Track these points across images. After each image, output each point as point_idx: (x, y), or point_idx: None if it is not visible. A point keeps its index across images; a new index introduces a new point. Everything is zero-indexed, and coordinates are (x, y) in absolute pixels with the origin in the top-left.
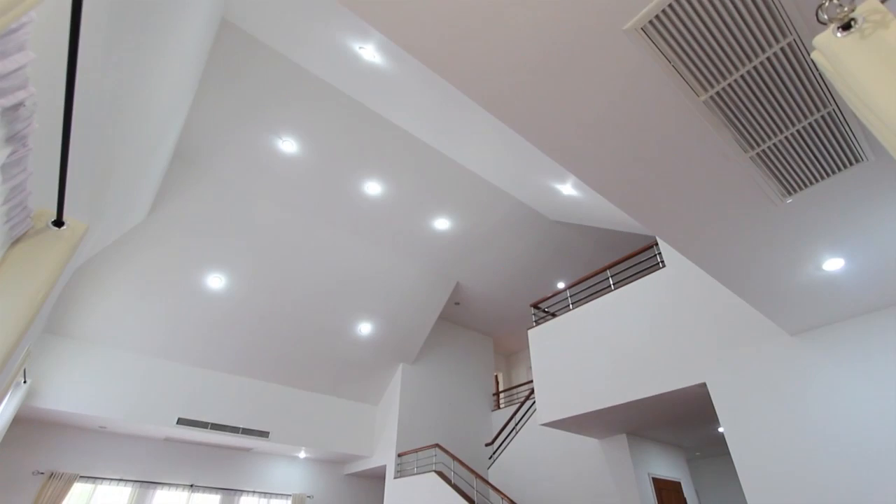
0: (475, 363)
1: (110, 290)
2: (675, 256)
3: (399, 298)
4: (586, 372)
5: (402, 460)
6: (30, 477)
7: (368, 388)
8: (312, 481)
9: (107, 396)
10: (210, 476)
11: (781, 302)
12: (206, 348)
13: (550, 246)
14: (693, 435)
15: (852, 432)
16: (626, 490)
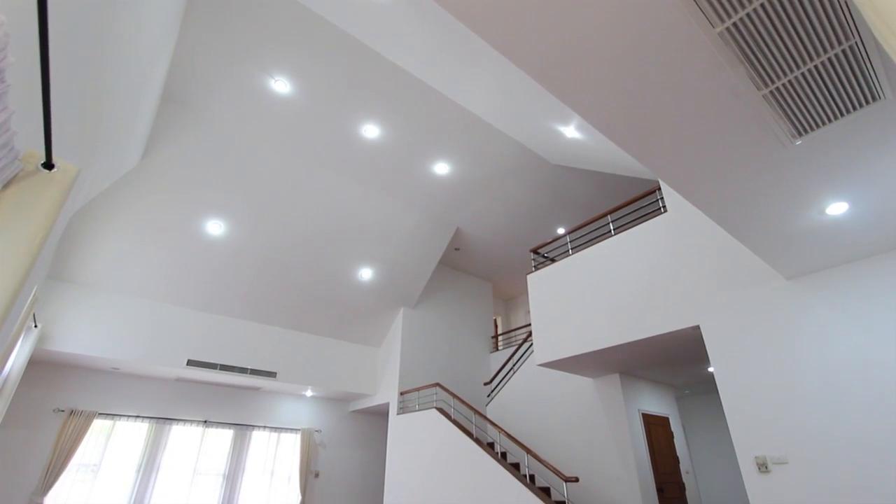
0: (475, 307)
1: (111, 236)
2: (676, 201)
3: (399, 244)
4: (583, 315)
5: (405, 398)
6: (51, 414)
7: (370, 331)
8: (320, 417)
9: (117, 339)
10: (222, 413)
11: (781, 246)
12: (210, 293)
13: (551, 191)
14: (683, 374)
15: (843, 377)
16: (618, 425)
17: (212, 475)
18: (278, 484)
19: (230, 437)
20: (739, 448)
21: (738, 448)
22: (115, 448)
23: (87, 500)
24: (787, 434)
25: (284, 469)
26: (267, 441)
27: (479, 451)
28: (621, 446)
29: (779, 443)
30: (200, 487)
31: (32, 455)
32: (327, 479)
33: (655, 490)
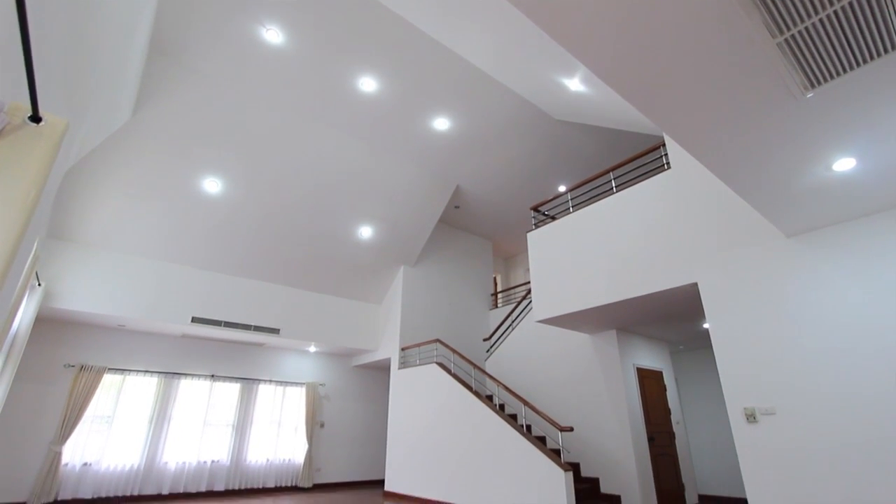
0: (474, 265)
1: (108, 195)
2: (680, 158)
3: (399, 202)
4: (582, 272)
5: (406, 353)
6: (62, 369)
7: (371, 288)
8: (323, 372)
9: (121, 297)
10: (229, 367)
11: (785, 203)
12: (211, 252)
13: (554, 147)
14: (679, 330)
15: (837, 334)
16: (613, 379)
17: (221, 426)
18: (285, 434)
19: (237, 390)
20: (730, 399)
21: (729, 399)
22: (126, 401)
23: (103, 448)
24: (776, 387)
25: (291, 420)
26: (273, 394)
27: (478, 403)
28: (615, 399)
29: (768, 395)
30: (211, 437)
31: (48, 407)
32: (332, 429)
33: (647, 439)
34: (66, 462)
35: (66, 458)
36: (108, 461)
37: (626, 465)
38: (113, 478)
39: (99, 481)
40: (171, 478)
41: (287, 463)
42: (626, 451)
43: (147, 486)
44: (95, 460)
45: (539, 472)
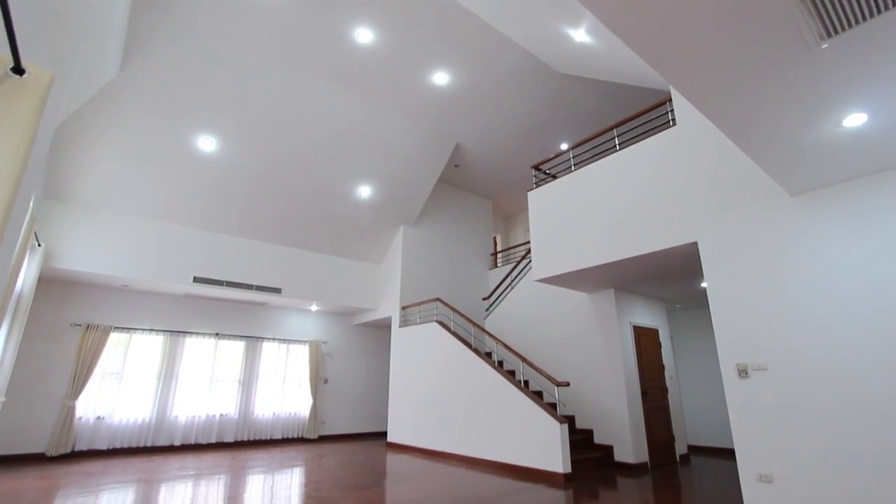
0: (474, 225)
1: (102, 154)
2: (686, 115)
3: (398, 161)
4: (582, 231)
5: (406, 312)
6: (69, 328)
7: (371, 248)
8: (326, 330)
9: (122, 258)
10: (233, 326)
11: (791, 160)
12: (210, 212)
13: (556, 103)
14: (676, 289)
15: (836, 293)
16: (609, 337)
17: (228, 382)
18: (290, 389)
19: (242, 347)
20: (723, 356)
21: (722, 356)
22: (134, 358)
23: (115, 403)
24: (770, 344)
25: (295, 376)
26: (277, 351)
27: (477, 359)
28: (611, 356)
29: (761, 351)
30: (218, 392)
31: (58, 365)
32: (335, 384)
33: (640, 394)
34: (79, 416)
35: (79, 413)
36: (120, 415)
37: (619, 418)
38: (126, 430)
39: (113, 433)
40: (182, 430)
41: (293, 416)
42: (619, 404)
43: (159, 437)
44: (108, 414)
45: (536, 424)
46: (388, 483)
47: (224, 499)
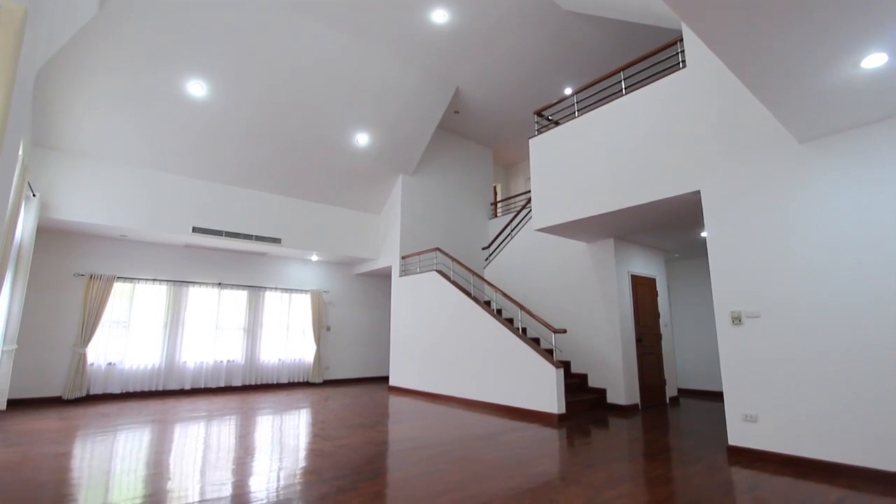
0: (474, 174)
1: (90, 99)
2: (697, 55)
3: (396, 106)
4: (584, 180)
5: (406, 262)
6: (72, 278)
7: (370, 198)
8: (327, 280)
9: (119, 208)
10: (235, 276)
11: (805, 105)
12: (206, 161)
13: (561, 43)
14: (675, 239)
15: (838, 244)
16: (607, 285)
17: (233, 329)
18: (294, 336)
19: (245, 297)
20: (718, 303)
21: (717, 303)
22: (139, 307)
23: (124, 350)
24: (765, 292)
25: (298, 324)
26: (279, 300)
27: (476, 307)
28: (608, 304)
29: (756, 299)
30: (224, 340)
31: (65, 314)
32: (338, 332)
33: (635, 340)
34: (91, 362)
35: (90, 359)
36: (130, 361)
37: (613, 363)
38: (137, 375)
39: (125, 378)
40: (191, 375)
41: (298, 362)
42: (614, 350)
43: (170, 382)
44: (119, 360)
45: (533, 369)
46: (391, 422)
47: (236, 437)
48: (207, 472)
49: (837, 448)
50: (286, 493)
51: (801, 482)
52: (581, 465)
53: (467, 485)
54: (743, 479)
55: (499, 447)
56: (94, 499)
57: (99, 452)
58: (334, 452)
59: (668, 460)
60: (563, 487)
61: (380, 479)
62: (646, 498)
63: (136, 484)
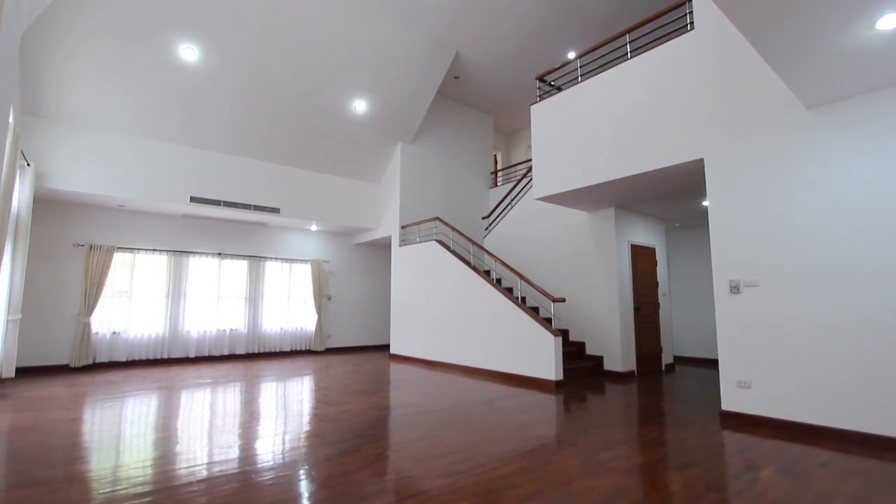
0: (474, 142)
1: (81, 65)
2: (706, 16)
3: (394, 71)
4: (586, 147)
5: (406, 231)
6: (72, 248)
7: (369, 167)
8: (327, 250)
9: (115, 177)
10: (235, 246)
11: (815, 69)
12: (200, 128)
13: (565, 4)
14: (677, 208)
15: (842, 213)
16: (607, 255)
17: (234, 299)
18: (295, 305)
19: (245, 267)
20: (717, 272)
21: (716, 272)
22: (140, 277)
23: (128, 319)
24: (765, 261)
25: (299, 293)
26: (280, 270)
27: (476, 277)
28: (607, 273)
29: (755, 269)
30: (226, 309)
31: (67, 284)
32: (339, 301)
33: (633, 309)
34: (96, 331)
35: (95, 328)
36: (134, 330)
37: (611, 331)
38: (142, 344)
39: (130, 347)
40: (195, 344)
41: (300, 331)
42: (612, 319)
43: (174, 350)
44: (123, 329)
45: (531, 337)
46: (392, 389)
47: (241, 403)
48: (215, 435)
49: (828, 413)
50: (291, 456)
51: (791, 445)
52: (577, 428)
53: (466, 447)
54: (734, 442)
55: (497, 412)
56: (105, 461)
57: (108, 417)
58: (337, 417)
59: (662, 424)
60: (560, 450)
61: (381, 443)
62: (639, 460)
63: (146, 447)
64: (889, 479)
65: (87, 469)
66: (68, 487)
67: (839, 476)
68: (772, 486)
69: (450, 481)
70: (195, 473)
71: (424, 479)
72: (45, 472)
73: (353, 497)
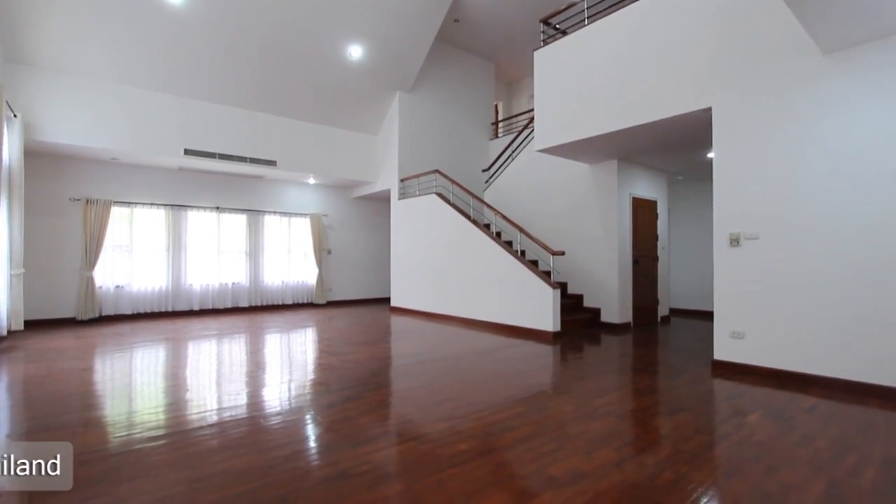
0: (475, 92)
1: (64, 8)
2: None
3: (391, 13)
4: (591, 96)
5: (405, 185)
6: (68, 203)
7: (366, 117)
8: (325, 203)
9: (107, 129)
10: (232, 200)
11: (835, 7)
12: (192, 77)
13: None
14: (681, 160)
15: (853, 165)
16: (608, 208)
17: (235, 253)
18: (296, 259)
19: (244, 221)
20: (718, 225)
21: (717, 225)
22: (140, 232)
23: (130, 273)
24: (768, 214)
25: (299, 247)
26: (279, 224)
27: (476, 230)
28: (607, 226)
29: (756, 221)
30: (227, 263)
31: (67, 238)
32: (339, 255)
33: (631, 262)
34: (99, 285)
35: (98, 282)
36: (137, 284)
37: (609, 284)
38: (146, 297)
39: (134, 300)
40: (198, 297)
41: (301, 284)
42: (610, 272)
43: (179, 303)
44: (126, 283)
45: (530, 289)
46: (393, 340)
47: (247, 353)
48: (223, 383)
49: (818, 362)
50: (297, 402)
51: (779, 392)
52: (572, 377)
53: (466, 394)
54: (724, 389)
55: (496, 361)
56: (119, 408)
57: (119, 367)
58: (340, 366)
59: (655, 373)
60: (555, 396)
61: (384, 390)
62: (631, 406)
63: (157, 394)
64: (869, 423)
65: (102, 415)
66: (85, 431)
67: (823, 420)
68: (757, 430)
69: (449, 425)
70: (206, 418)
71: (425, 423)
72: (62, 417)
73: (358, 440)
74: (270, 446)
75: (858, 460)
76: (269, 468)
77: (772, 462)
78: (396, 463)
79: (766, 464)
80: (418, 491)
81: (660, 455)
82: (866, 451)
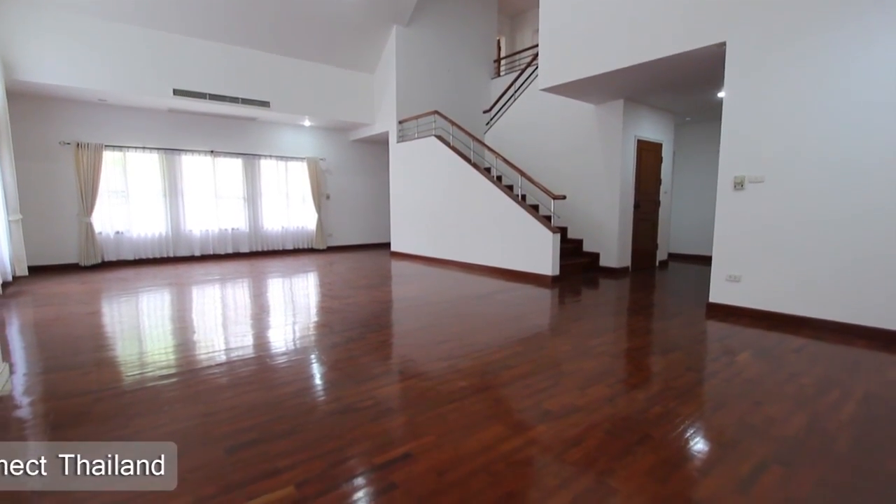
0: (476, 25)
1: None
2: None
3: None
4: (599, 30)
5: (403, 126)
6: (59, 147)
7: (362, 53)
8: (323, 147)
9: (91, 67)
10: (227, 143)
11: None
12: (178, 10)
13: None
14: (690, 100)
15: (871, 107)
16: (612, 151)
17: (232, 198)
18: (294, 204)
19: (240, 165)
20: (723, 168)
21: (723, 167)
22: (135, 176)
23: (129, 219)
24: (775, 156)
25: (298, 192)
26: (276, 168)
27: (476, 174)
28: (610, 169)
29: (762, 164)
30: (225, 209)
31: (62, 183)
32: (338, 200)
33: (633, 206)
34: (99, 231)
35: (97, 228)
36: (137, 230)
37: (609, 229)
38: (147, 243)
39: (135, 246)
40: (198, 243)
41: (301, 229)
42: (611, 216)
43: (179, 249)
44: (126, 229)
45: (530, 234)
46: (394, 283)
47: (250, 297)
48: (228, 326)
49: (810, 304)
50: (301, 343)
51: (770, 333)
52: (569, 318)
53: (466, 335)
54: (717, 330)
55: (495, 304)
56: (129, 349)
57: (126, 311)
58: (342, 309)
59: (650, 315)
60: (552, 337)
61: (385, 331)
62: (626, 345)
63: (165, 336)
64: (854, 362)
65: (113, 355)
66: (98, 370)
67: (810, 359)
68: (746, 368)
69: (449, 364)
70: (214, 358)
71: (426, 362)
72: (74, 358)
73: (361, 378)
74: (277, 384)
75: (840, 396)
76: (278, 403)
77: (758, 397)
78: (398, 399)
79: (752, 399)
80: (420, 423)
81: (651, 391)
82: (848, 388)
